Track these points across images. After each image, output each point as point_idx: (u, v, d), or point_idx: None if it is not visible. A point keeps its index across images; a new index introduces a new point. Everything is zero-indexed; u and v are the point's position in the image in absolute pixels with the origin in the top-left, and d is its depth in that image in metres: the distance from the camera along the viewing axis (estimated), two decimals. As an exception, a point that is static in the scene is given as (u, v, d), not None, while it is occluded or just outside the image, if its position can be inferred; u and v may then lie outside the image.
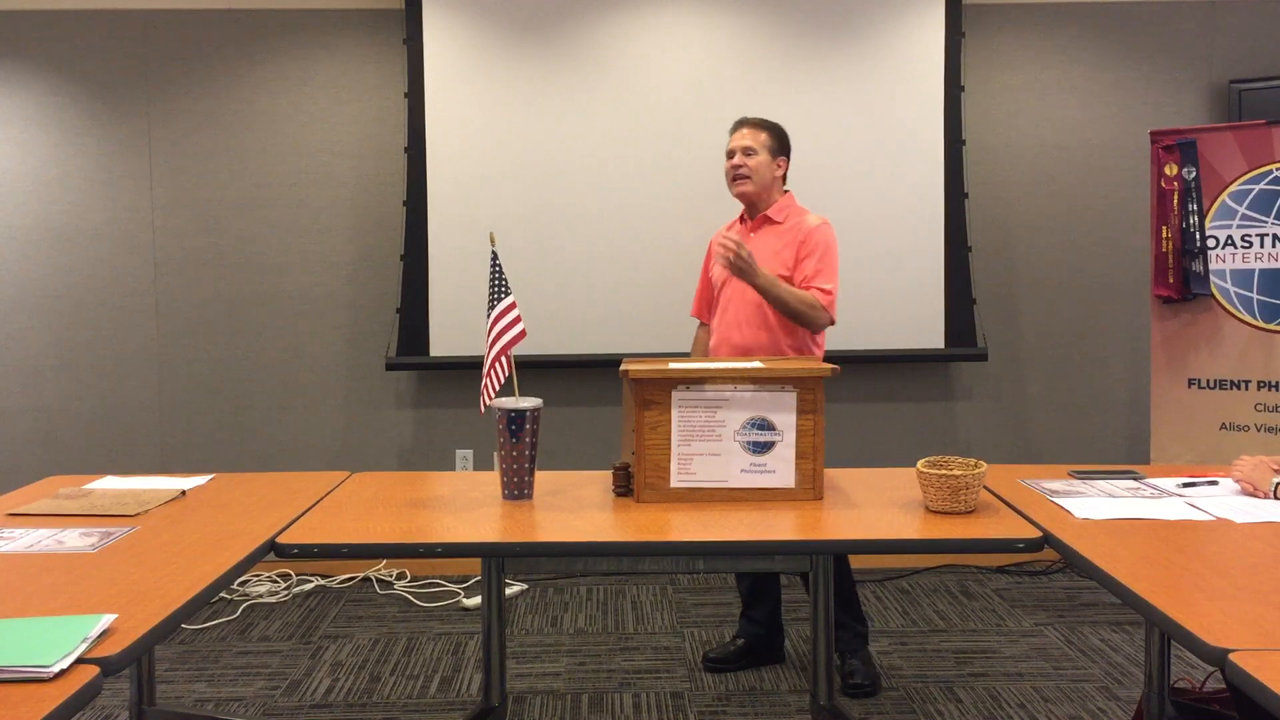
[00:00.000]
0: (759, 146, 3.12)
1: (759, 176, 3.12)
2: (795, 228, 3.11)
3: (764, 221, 3.16)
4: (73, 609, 1.57)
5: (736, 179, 3.14)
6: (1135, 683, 3.18)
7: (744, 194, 3.15)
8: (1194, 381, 3.83)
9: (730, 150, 3.16)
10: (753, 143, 3.13)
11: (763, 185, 3.14)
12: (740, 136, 3.16)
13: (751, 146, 3.12)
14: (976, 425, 4.49)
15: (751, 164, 3.11)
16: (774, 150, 3.15)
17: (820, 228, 3.10)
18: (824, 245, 3.07)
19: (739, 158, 3.13)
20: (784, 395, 2.25)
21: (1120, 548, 1.85)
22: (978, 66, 4.38)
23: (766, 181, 3.14)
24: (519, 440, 2.25)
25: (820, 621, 2.37)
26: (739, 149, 3.14)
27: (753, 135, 3.14)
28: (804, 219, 3.13)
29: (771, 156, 3.14)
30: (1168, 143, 3.80)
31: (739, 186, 3.14)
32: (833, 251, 3.09)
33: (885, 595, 4.05)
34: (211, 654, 3.53)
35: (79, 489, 2.41)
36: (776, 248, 3.10)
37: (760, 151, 3.12)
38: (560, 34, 4.25)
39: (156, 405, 4.42)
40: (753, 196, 3.15)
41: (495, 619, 2.42)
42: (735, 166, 3.13)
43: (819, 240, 3.07)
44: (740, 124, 3.19)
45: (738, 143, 3.15)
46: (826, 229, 3.11)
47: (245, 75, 4.35)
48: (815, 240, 3.07)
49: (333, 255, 4.40)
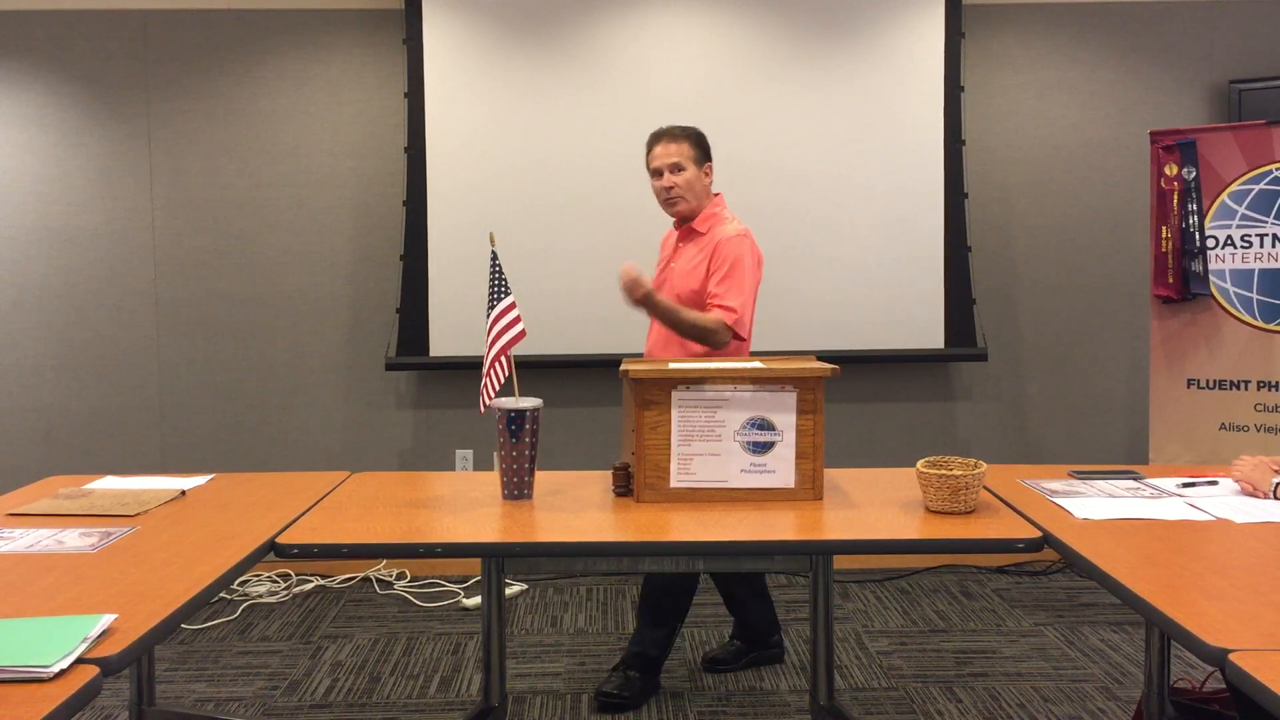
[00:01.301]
0: (685, 160, 2.99)
1: (691, 192, 3.01)
2: (713, 236, 2.99)
3: (689, 233, 3.06)
4: (73, 609, 1.57)
5: (670, 201, 3.02)
6: (1135, 683, 3.19)
7: (681, 214, 3.05)
8: (1193, 381, 3.83)
9: (656, 169, 3.02)
10: (678, 158, 2.99)
11: (696, 199, 3.02)
12: (664, 153, 3.01)
13: (678, 162, 2.99)
14: (976, 425, 4.49)
15: (682, 181, 2.99)
16: (698, 159, 3.02)
17: (733, 240, 2.96)
18: (734, 259, 2.93)
19: (667, 177, 3.00)
20: (784, 395, 2.26)
21: (1120, 548, 1.85)
22: (978, 66, 4.38)
23: (699, 193, 3.03)
24: (519, 440, 2.25)
25: (820, 621, 2.37)
26: (665, 167, 3.00)
27: (677, 149, 3.00)
28: (722, 228, 3.00)
29: (697, 166, 3.02)
30: (1168, 143, 3.80)
31: (674, 209, 3.03)
32: (741, 265, 2.94)
33: (885, 595, 4.05)
34: (211, 654, 3.53)
35: (79, 489, 2.41)
36: (695, 261, 3.00)
37: (687, 165, 2.99)
38: (560, 34, 4.25)
39: (156, 405, 4.42)
40: (689, 213, 3.04)
41: (495, 619, 2.42)
42: (667, 189, 3.00)
43: (729, 254, 2.94)
44: (659, 138, 3.04)
45: (662, 160, 3.00)
46: (739, 241, 2.96)
47: (245, 75, 4.35)
48: (725, 254, 2.94)
49: (333, 255, 4.40)
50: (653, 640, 3.10)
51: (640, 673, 3.09)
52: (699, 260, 3.00)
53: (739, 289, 2.93)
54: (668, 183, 3.00)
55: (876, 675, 3.28)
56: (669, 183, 3.00)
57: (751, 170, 4.27)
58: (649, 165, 3.06)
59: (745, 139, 4.26)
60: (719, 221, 3.04)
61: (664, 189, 3.01)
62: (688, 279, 2.99)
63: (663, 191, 3.02)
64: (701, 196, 3.05)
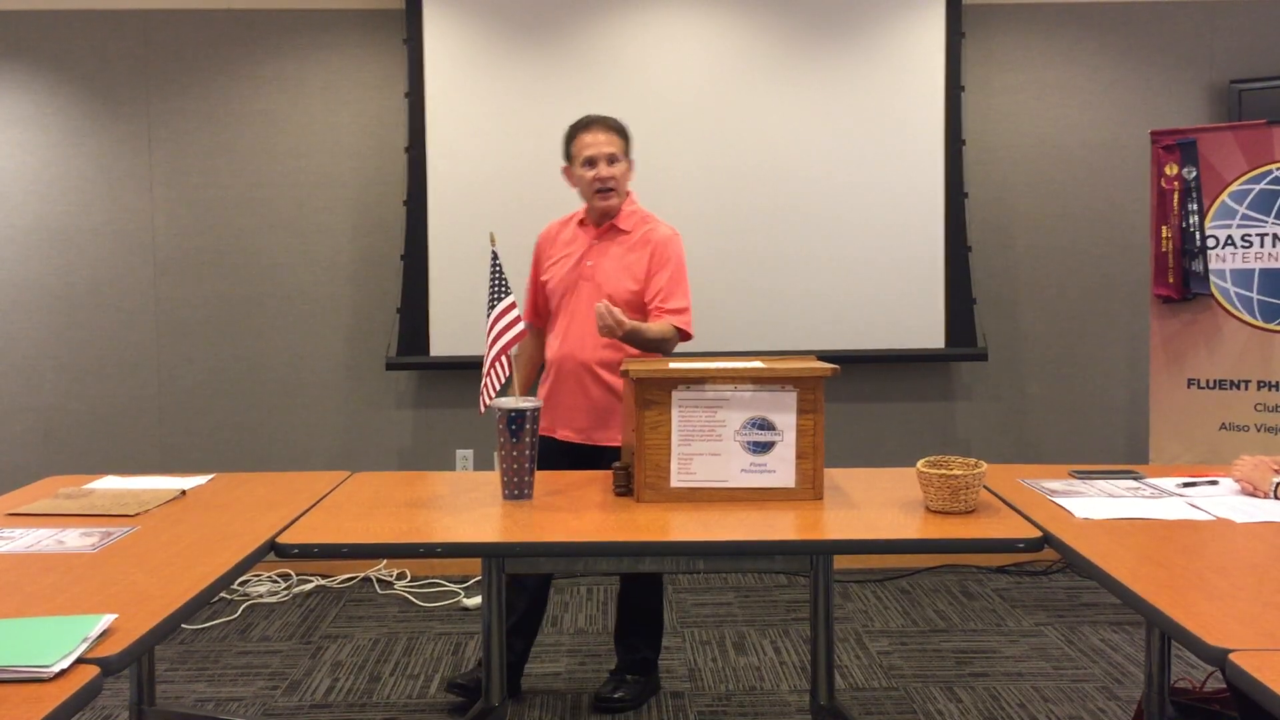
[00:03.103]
0: (619, 152, 2.89)
1: (622, 187, 2.91)
2: (645, 238, 2.91)
3: (611, 230, 2.93)
4: (73, 609, 1.57)
5: (602, 193, 2.88)
6: (1135, 683, 3.18)
7: (610, 209, 2.91)
8: (1194, 381, 3.83)
9: (591, 158, 2.87)
10: (615, 149, 2.88)
11: (623, 194, 2.93)
12: (601, 142, 2.87)
13: (615, 154, 2.88)
14: (976, 425, 4.49)
15: (617, 174, 2.88)
16: (627, 153, 2.92)
17: (671, 240, 2.92)
18: (676, 260, 2.90)
19: (603, 168, 2.86)
20: (784, 395, 2.25)
21: (1120, 548, 1.85)
22: (978, 66, 4.38)
23: (625, 189, 2.93)
24: (519, 440, 2.25)
25: (820, 621, 2.37)
26: (601, 157, 2.86)
27: (611, 140, 2.88)
28: (654, 228, 2.93)
29: (627, 160, 2.92)
30: (1168, 143, 3.80)
31: (606, 200, 2.89)
32: (683, 265, 2.92)
33: (885, 595, 4.05)
34: (211, 654, 3.53)
35: (79, 489, 2.41)
36: (627, 260, 2.91)
37: (621, 158, 2.89)
38: (560, 34, 4.25)
39: (156, 405, 4.42)
40: (616, 209, 2.92)
41: (495, 619, 2.42)
42: (603, 180, 2.86)
43: (670, 254, 2.89)
44: (593, 124, 2.90)
45: (599, 149, 2.86)
46: (677, 241, 2.93)
47: (245, 75, 4.35)
48: (667, 254, 2.89)
49: (333, 255, 4.40)
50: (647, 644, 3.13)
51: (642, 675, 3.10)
52: (633, 260, 2.91)
53: (684, 291, 2.91)
54: (605, 174, 2.86)
55: (876, 675, 3.28)
56: (607, 174, 2.86)
57: (752, 170, 4.27)
58: (578, 154, 2.89)
59: (745, 139, 4.26)
60: (646, 220, 2.96)
61: (600, 180, 2.86)
62: (622, 279, 2.88)
63: (596, 183, 2.87)
64: (623, 193, 2.95)
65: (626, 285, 2.89)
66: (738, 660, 3.41)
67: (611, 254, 2.93)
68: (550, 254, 3.03)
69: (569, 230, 3.01)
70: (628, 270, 2.91)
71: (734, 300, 4.30)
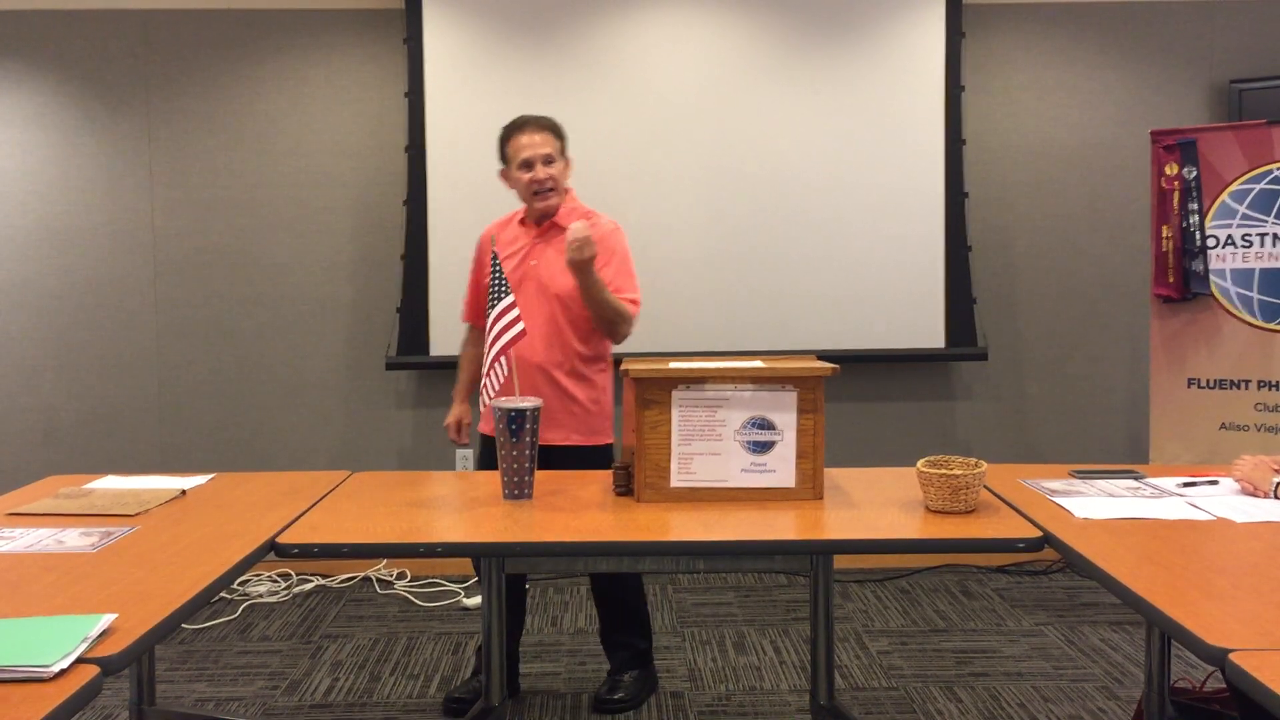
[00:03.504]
0: (554, 152, 2.88)
1: (560, 186, 2.90)
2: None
3: (553, 227, 2.93)
4: (73, 609, 1.57)
5: (543, 194, 2.87)
6: (1135, 683, 3.19)
7: (548, 209, 2.90)
8: (1194, 381, 3.83)
9: (527, 160, 2.85)
10: (550, 150, 2.87)
11: (562, 193, 2.92)
12: (537, 142, 2.86)
13: (550, 154, 2.87)
14: (976, 425, 4.49)
15: (554, 173, 2.87)
16: (563, 151, 2.93)
17: (616, 232, 2.93)
18: (623, 251, 2.92)
19: (541, 169, 2.85)
20: (784, 395, 2.25)
21: (1120, 548, 1.85)
22: (978, 66, 4.38)
23: (563, 188, 2.93)
24: (519, 440, 2.25)
25: (820, 621, 2.37)
26: (538, 158, 2.85)
27: (547, 141, 2.87)
28: (595, 223, 2.90)
29: (563, 159, 2.92)
30: (1168, 142, 3.80)
31: (545, 201, 2.88)
32: (629, 257, 2.93)
33: (885, 595, 4.05)
34: (211, 654, 3.53)
35: (79, 489, 2.41)
36: None
37: (557, 158, 2.89)
38: (560, 34, 4.25)
39: (156, 405, 4.42)
40: (554, 209, 2.91)
41: (495, 619, 2.42)
42: (541, 181, 2.85)
43: (615, 246, 2.90)
44: (527, 125, 2.89)
45: (536, 150, 2.85)
46: (620, 233, 2.94)
47: (245, 75, 4.35)
48: (611, 246, 2.89)
49: (333, 255, 4.40)
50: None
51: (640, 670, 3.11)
52: None
53: (634, 281, 2.93)
54: (543, 175, 2.85)
55: (876, 675, 3.28)
56: (544, 175, 2.85)
57: (751, 170, 4.27)
58: (514, 156, 2.88)
59: (745, 138, 4.26)
60: (588, 216, 2.95)
61: (538, 181, 2.86)
62: (568, 274, 2.80)
63: (534, 185, 2.86)
64: (562, 191, 2.94)
65: (572, 280, 2.87)
66: (737, 660, 3.41)
67: (554, 251, 2.91)
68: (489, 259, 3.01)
69: (510, 230, 3.00)
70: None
71: (734, 300, 4.30)
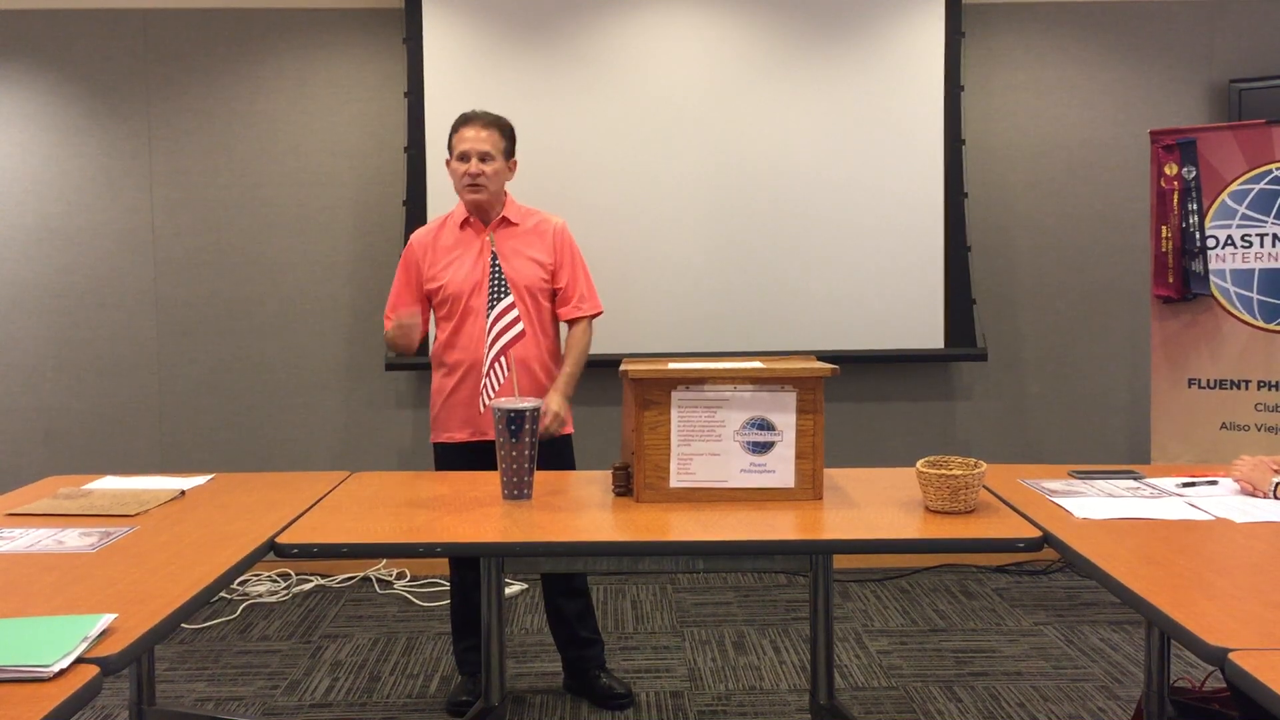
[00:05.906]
0: (495, 151, 2.90)
1: (494, 185, 2.92)
2: (540, 227, 2.99)
3: (503, 224, 2.97)
4: (73, 609, 1.57)
5: (474, 188, 2.90)
6: (1135, 682, 3.19)
7: (477, 203, 2.93)
8: (1194, 381, 3.83)
9: (464, 153, 2.89)
10: (489, 146, 2.89)
11: (496, 192, 2.94)
12: (476, 138, 2.89)
13: (489, 152, 2.89)
14: (976, 425, 4.49)
15: (489, 172, 2.89)
16: (506, 153, 2.95)
17: (565, 229, 3.02)
18: (577, 250, 3.03)
19: (474, 164, 2.88)
20: (784, 395, 2.26)
21: (1120, 548, 1.85)
22: (978, 66, 4.38)
23: (499, 188, 2.95)
24: (519, 440, 2.25)
25: (820, 621, 2.37)
26: (475, 154, 2.88)
27: (488, 137, 2.89)
28: (545, 218, 3.01)
29: (505, 160, 2.94)
30: (1168, 142, 3.80)
31: (473, 195, 2.91)
32: (581, 254, 3.05)
33: (885, 595, 4.05)
34: (211, 654, 3.53)
35: (79, 489, 2.41)
36: (531, 252, 2.96)
37: (496, 157, 2.90)
38: (561, 34, 4.25)
39: (156, 405, 4.42)
40: (485, 205, 2.94)
41: (495, 619, 2.42)
42: (473, 175, 2.88)
43: (569, 242, 3.02)
44: (473, 120, 2.92)
45: (473, 146, 2.88)
46: (568, 231, 3.03)
47: (245, 75, 4.35)
48: (566, 242, 3.01)
49: (333, 255, 4.40)
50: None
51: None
52: (535, 250, 2.97)
53: (592, 286, 3.06)
54: (475, 169, 2.88)
55: (876, 675, 3.28)
56: (476, 170, 2.88)
57: (751, 169, 4.27)
58: (455, 146, 2.93)
59: (745, 138, 4.26)
60: (535, 212, 3.03)
61: (470, 174, 2.88)
62: (532, 269, 2.94)
63: (466, 177, 2.89)
64: (499, 191, 2.96)
65: (537, 274, 2.96)
66: (737, 660, 3.41)
67: (510, 246, 2.96)
68: (433, 259, 3.01)
69: (449, 234, 3.01)
70: (533, 260, 2.97)
71: (734, 300, 4.30)
